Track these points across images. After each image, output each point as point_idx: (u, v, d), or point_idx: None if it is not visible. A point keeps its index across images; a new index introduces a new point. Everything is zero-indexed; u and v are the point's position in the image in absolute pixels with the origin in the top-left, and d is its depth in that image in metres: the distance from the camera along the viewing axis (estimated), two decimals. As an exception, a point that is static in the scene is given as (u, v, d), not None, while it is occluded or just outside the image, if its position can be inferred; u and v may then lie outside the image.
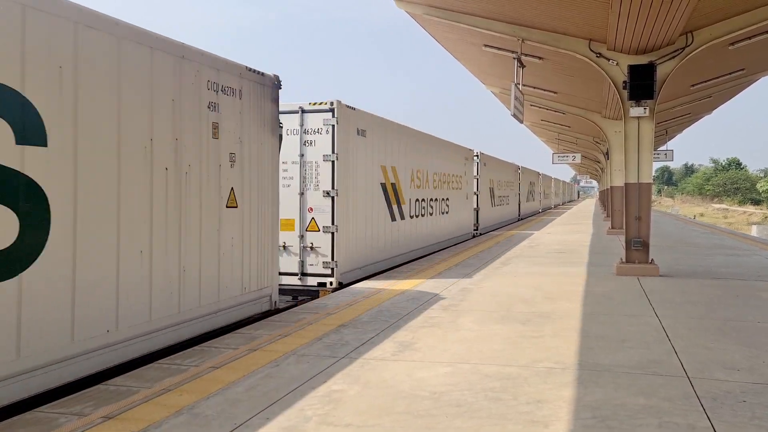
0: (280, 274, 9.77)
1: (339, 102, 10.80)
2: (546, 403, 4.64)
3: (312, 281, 10.66)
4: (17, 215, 4.80)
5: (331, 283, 10.55)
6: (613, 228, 23.35)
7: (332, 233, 10.75)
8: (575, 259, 14.42)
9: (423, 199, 16.06)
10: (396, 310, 8.19)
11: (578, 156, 35.33)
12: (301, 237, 10.75)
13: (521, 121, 13.94)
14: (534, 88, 19.11)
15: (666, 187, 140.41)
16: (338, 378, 5.28)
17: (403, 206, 14.39)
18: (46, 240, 5.04)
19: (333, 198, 10.70)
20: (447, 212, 18.59)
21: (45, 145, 5.03)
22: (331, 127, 10.64)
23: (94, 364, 5.51)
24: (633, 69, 11.29)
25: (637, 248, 11.62)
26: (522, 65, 13.05)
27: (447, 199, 18.54)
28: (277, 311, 8.45)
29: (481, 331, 7.03)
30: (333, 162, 10.69)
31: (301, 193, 10.77)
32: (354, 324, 7.39)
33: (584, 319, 7.60)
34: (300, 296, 10.56)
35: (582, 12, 10.78)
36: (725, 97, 22.93)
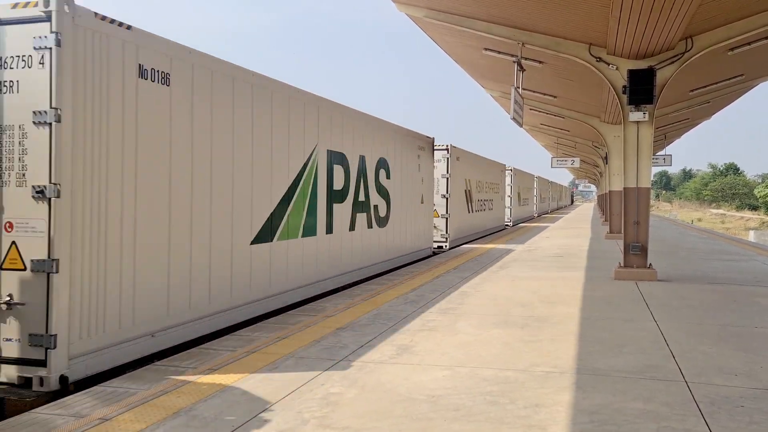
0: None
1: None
2: (544, 408, 4.64)
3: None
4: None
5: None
6: (611, 232, 23.36)
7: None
8: (574, 263, 14.42)
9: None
10: (394, 313, 8.19)
11: (577, 160, 35.39)
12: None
13: (521, 125, 13.96)
14: (533, 92, 19.14)
15: (664, 191, 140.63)
16: (336, 381, 5.27)
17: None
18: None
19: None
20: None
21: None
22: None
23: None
24: (633, 74, 11.31)
25: (636, 253, 11.63)
26: (522, 69, 13.07)
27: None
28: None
29: (479, 335, 7.02)
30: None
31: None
32: (352, 327, 7.39)
33: (582, 324, 7.60)
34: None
35: (582, 16, 10.81)
36: (724, 103, 22.98)
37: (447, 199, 19.12)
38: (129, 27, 6.04)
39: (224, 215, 7.47)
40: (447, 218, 19.14)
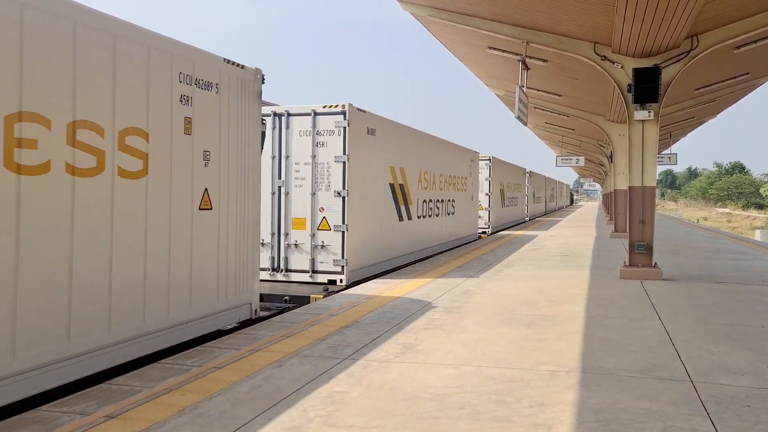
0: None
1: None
2: (549, 406, 4.62)
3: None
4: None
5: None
6: (616, 231, 23.31)
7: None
8: (579, 262, 14.39)
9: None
10: (399, 312, 8.19)
11: (582, 159, 35.27)
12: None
13: (525, 124, 13.93)
14: (538, 90, 19.11)
15: (669, 190, 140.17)
16: (341, 379, 5.27)
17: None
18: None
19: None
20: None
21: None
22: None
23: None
24: (638, 72, 11.27)
25: (641, 252, 11.59)
26: (526, 68, 13.04)
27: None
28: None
29: (484, 333, 7.01)
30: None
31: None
32: (357, 325, 7.39)
33: (588, 323, 7.58)
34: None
35: (587, 15, 10.77)
36: (730, 101, 22.88)
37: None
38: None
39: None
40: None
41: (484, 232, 24.82)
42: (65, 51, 5.12)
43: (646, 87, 11.20)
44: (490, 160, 25.60)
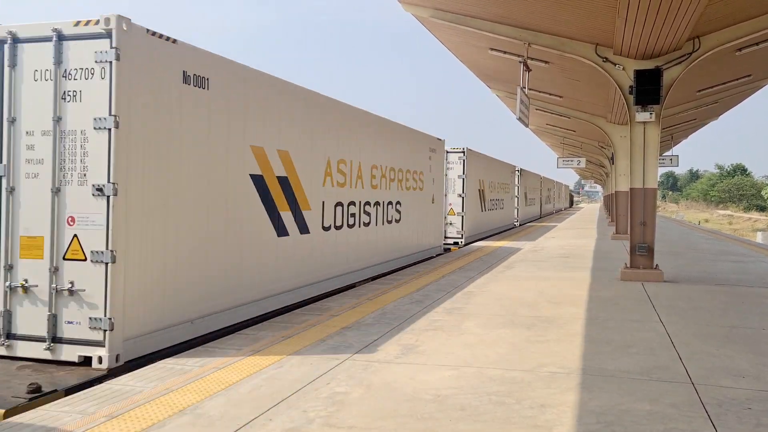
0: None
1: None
2: (550, 408, 4.62)
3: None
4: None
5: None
6: (617, 233, 23.29)
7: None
8: (580, 263, 14.38)
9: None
10: (400, 313, 8.18)
11: (583, 161, 35.29)
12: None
13: (527, 125, 13.93)
14: (539, 92, 19.10)
15: (670, 192, 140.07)
16: (342, 380, 5.27)
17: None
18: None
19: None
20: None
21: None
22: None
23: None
24: (639, 74, 11.27)
25: (642, 253, 11.58)
26: (528, 69, 13.04)
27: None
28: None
29: (485, 335, 7.01)
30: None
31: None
32: (358, 326, 7.39)
33: (589, 324, 7.58)
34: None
35: (589, 16, 10.78)
36: (731, 103, 22.88)
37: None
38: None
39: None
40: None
41: (455, 243, 20.13)
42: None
43: (647, 89, 11.19)
44: (464, 152, 20.24)
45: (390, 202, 13.34)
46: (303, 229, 9.37)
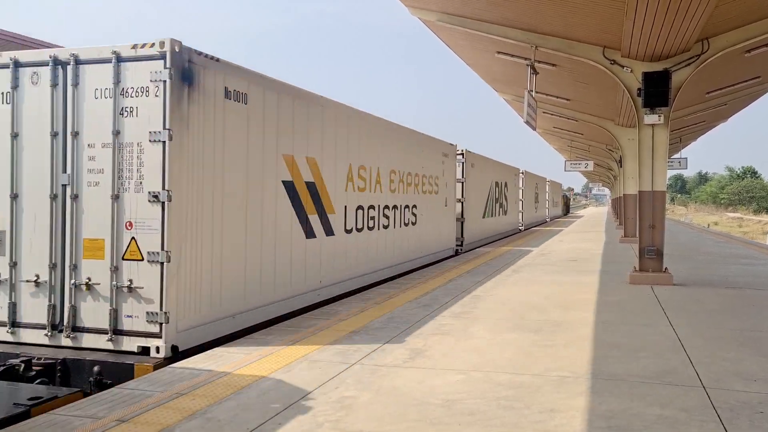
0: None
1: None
2: (559, 413, 4.59)
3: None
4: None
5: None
6: (626, 236, 23.18)
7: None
8: (588, 267, 14.32)
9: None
10: (407, 317, 8.17)
11: (591, 164, 35.21)
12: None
13: (534, 128, 13.91)
14: (547, 95, 19.06)
15: (679, 195, 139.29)
16: (350, 384, 5.26)
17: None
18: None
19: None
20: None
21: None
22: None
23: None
24: (647, 76, 11.22)
25: (651, 257, 11.51)
26: (535, 72, 13.03)
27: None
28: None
29: (493, 339, 6.99)
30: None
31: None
32: (366, 330, 7.38)
33: (597, 328, 7.54)
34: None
35: (596, 19, 10.75)
36: (741, 105, 22.74)
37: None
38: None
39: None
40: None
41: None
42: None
43: (656, 91, 11.15)
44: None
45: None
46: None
